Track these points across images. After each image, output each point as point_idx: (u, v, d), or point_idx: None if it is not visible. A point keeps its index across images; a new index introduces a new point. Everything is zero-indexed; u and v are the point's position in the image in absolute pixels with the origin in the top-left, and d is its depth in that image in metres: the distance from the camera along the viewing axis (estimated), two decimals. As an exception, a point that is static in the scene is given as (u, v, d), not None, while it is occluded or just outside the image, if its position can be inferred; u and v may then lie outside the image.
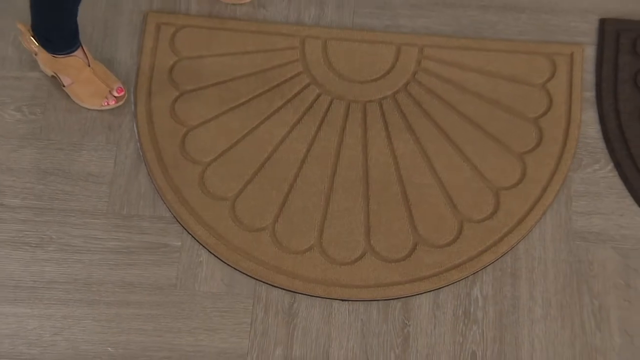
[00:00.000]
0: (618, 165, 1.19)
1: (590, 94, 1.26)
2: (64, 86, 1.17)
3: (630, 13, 1.30)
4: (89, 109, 1.19)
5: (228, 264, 1.12)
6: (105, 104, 1.17)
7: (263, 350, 1.07)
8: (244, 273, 1.11)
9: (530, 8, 1.30)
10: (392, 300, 1.10)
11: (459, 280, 1.11)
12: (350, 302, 1.10)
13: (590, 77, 1.27)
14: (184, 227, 1.14)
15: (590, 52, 1.28)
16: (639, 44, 1.26)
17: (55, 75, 1.15)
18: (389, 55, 1.25)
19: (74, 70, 1.12)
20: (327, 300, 1.10)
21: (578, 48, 1.26)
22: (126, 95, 1.19)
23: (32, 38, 1.09)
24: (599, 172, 1.20)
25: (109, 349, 1.06)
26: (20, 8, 1.29)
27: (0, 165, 1.19)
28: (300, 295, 1.10)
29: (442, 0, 1.31)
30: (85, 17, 1.23)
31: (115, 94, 1.17)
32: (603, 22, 1.28)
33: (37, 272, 1.12)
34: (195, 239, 1.13)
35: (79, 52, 1.11)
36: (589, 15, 1.30)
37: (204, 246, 1.13)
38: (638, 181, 1.17)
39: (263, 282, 1.11)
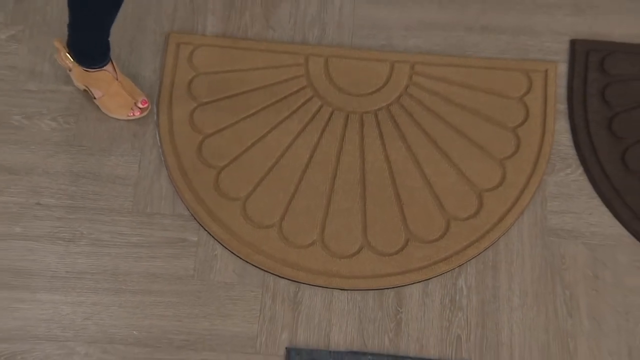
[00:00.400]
0: (587, 170, 1.21)
1: (563, 107, 1.27)
2: (94, 98, 1.22)
3: (598, 35, 1.31)
4: (117, 119, 1.23)
5: (240, 257, 1.14)
6: (131, 114, 1.22)
7: (271, 334, 1.10)
8: (253, 265, 1.14)
9: (509, 30, 1.32)
10: (386, 290, 1.13)
11: (445, 272, 1.13)
12: (348, 291, 1.13)
13: (562, 92, 1.28)
14: (200, 224, 1.16)
15: (562, 69, 1.29)
16: (606, 62, 1.28)
17: (87, 88, 1.20)
18: (383, 71, 1.27)
19: (104, 84, 1.17)
20: (328, 289, 1.13)
21: (552, 65, 1.28)
22: (150, 107, 1.23)
23: (67, 54, 1.15)
24: (570, 176, 1.22)
25: (134, 332, 1.09)
26: (55, 28, 1.33)
27: (38, 169, 1.21)
28: (304, 285, 1.13)
29: (431, 23, 1.33)
30: (114, 38, 1.24)
31: (140, 106, 1.21)
32: (574, 43, 1.30)
33: (70, 263, 1.14)
34: (210, 234, 1.15)
35: (109, 67, 1.17)
36: (562, 36, 1.31)
37: (218, 241, 1.15)
38: (605, 184, 1.19)
39: (271, 273, 1.13)
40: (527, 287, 1.13)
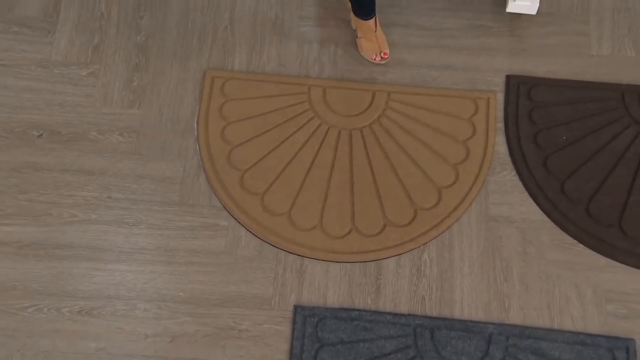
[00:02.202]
0: (519, 172, 1.28)
1: (501, 125, 1.33)
2: (357, 37, 1.33)
3: (527, 72, 1.37)
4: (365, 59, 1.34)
5: (259, 238, 1.22)
6: (374, 58, 1.33)
7: (282, 295, 1.18)
8: (269, 244, 1.21)
9: (461, 68, 1.37)
10: (369, 262, 1.20)
11: (413, 249, 1.21)
12: (341, 263, 1.20)
13: (500, 114, 1.34)
14: (230, 213, 1.23)
15: (500, 97, 1.35)
16: (532, 92, 1.34)
17: (355, 30, 1.33)
18: (367, 98, 1.33)
19: (366, 30, 1.30)
20: (326, 262, 1.20)
21: (493, 94, 1.34)
22: (389, 59, 1.34)
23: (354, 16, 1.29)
24: (506, 177, 1.28)
25: (181, 293, 1.18)
26: (121, 69, 1.35)
27: (109, 171, 1.29)
28: (307, 259, 1.20)
29: (402, 62, 1.37)
30: (164, 75, 1.34)
31: (383, 55, 1.32)
32: (509, 77, 1.36)
33: (133, 242, 1.23)
34: (237, 221, 1.23)
35: (372, 21, 1.29)
36: (500, 73, 1.37)
37: (243, 226, 1.22)
38: (532, 182, 1.27)
39: (282, 249, 1.21)
40: (474, 259, 1.20)
